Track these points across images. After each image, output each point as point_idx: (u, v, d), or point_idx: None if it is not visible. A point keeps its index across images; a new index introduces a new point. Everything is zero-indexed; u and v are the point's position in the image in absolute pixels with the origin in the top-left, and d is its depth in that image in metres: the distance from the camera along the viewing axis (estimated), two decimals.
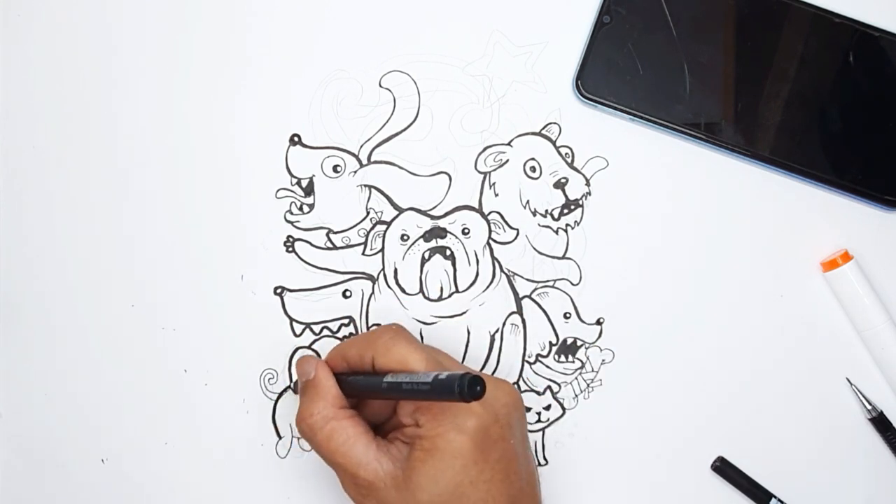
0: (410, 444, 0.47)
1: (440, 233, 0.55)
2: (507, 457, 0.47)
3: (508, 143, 0.55)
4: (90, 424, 0.55)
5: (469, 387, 0.41)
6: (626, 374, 0.55)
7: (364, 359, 0.48)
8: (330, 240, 0.55)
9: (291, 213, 0.55)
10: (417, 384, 0.44)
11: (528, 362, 0.55)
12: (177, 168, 0.55)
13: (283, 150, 0.55)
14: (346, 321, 0.55)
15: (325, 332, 0.55)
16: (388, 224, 0.55)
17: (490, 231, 0.55)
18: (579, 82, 0.54)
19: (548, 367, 0.55)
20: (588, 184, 0.55)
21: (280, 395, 0.55)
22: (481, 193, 0.55)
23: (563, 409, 0.55)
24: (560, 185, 0.55)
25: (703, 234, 0.55)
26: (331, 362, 0.50)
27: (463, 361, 0.55)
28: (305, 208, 0.55)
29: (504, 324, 0.55)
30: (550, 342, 0.55)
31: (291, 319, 0.55)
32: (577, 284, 0.55)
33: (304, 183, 0.55)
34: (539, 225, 0.55)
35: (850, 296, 0.54)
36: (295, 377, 0.54)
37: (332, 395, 0.49)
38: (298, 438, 0.55)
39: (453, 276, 0.55)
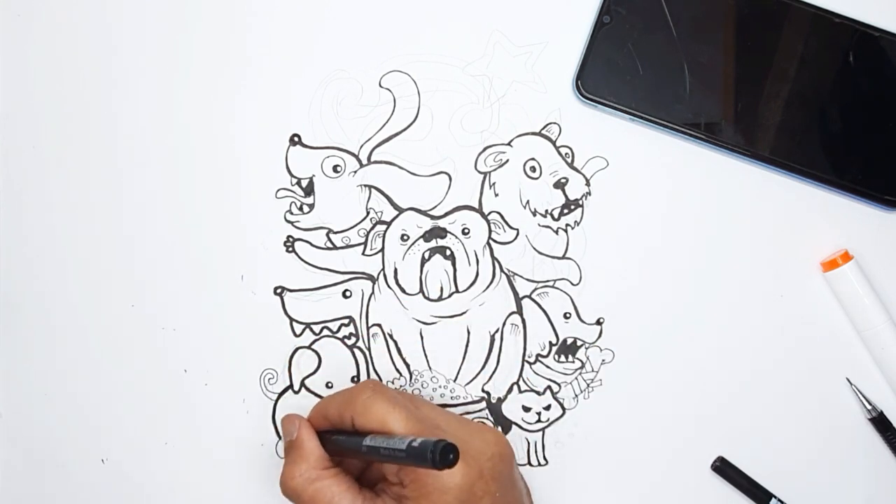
0: (396, 503, 0.47)
1: (440, 233, 0.55)
2: None
3: (508, 143, 0.55)
4: (90, 424, 0.55)
5: (441, 455, 0.41)
6: (626, 374, 0.55)
7: (343, 417, 0.48)
8: (330, 240, 0.55)
9: (291, 213, 0.55)
10: (393, 451, 0.44)
11: (528, 362, 0.55)
12: (177, 168, 0.55)
13: (283, 150, 0.55)
14: (346, 321, 0.55)
15: (325, 332, 0.55)
16: (388, 224, 0.55)
17: (490, 231, 0.55)
18: (579, 82, 0.54)
19: (548, 367, 0.55)
20: (588, 184, 0.55)
21: (280, 395, 0.55)
22: (481, 193, 0.55)
23: (563, 409, 0.55)
24: (560, 185, 0.55)
25: (703, 234, 0.55)
26: (312, 420, 0.50)
27: (463, 362, 0.55)
28: (305, 208, 0.55)
29: (504, 324, 0.55)
30: (550, 342, 0.55)
31: (291, 319, 0.55)
32: (577, 284, 0.55)
33: (304, 183, 0.55)
34: (539, 225, 0.55)
35: (850, 296, 0.54)
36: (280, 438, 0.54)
37: (314, 456, 0.49)
38: None
39: (453, 276, 0.55)
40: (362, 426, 0.47)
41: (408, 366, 0.55)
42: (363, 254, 0.55)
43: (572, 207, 0.55)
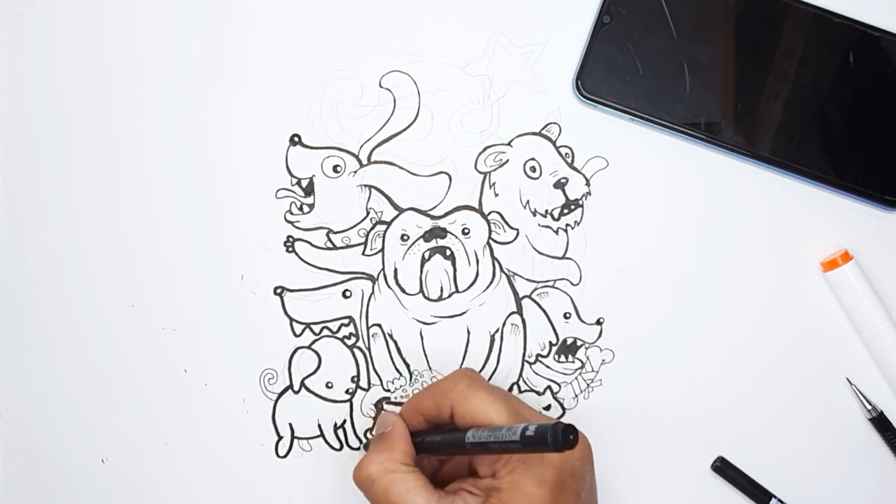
0: (484, 495, 0.46)
1: (440, 233, 0.55)
2: None
3: (508, 143, 0.55)
4: (90, 424, 0.55)
5: (563, 436, 0.40)
6: (626, 374, 0.55)
7: (441, 410, 0.48)
8: (330, 240, 0.55)
9: (291, 213, 0.55)
10: (506, 442, 0.43)
11: (528, 362, 0.55)
12: (177, 168, 0.55)
13: (283, 150, 0.55)
14: (346, 321, 0.55)
15: (325, 332, 0.55)
16: (388, 224, 0.55)
17: (490, 231, 0.55)
18: (579, 82, 0.54)
19: (548, 367, 0.55)
20: (588, 184, 0.55)
21: (280, 395, 0.55)
22: (481, 193, 0.55)
23: (563, 409, 0.55)
24: (560, 185, 0.55)
25: (703, 234, 0.55)
26: (405, 417, 0.50)
27: (463, 362, 0.55)
28: (305, 208, 0.55)
29: (504, 324, 0.55)
30: (550, 342, 0.55)
31: (291, 319, 0.55)
32: (577, 284, 0.55)
33: (304, 183, 0.55)
34: (539, 225, 0.55)
35: (850, 296, 0.54)
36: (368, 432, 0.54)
37: (400, 450, 0.48)
38: (298, 439, 0.55)
39: (453, 276, 0.55)
40: (462, 415, 0.47)
41: (408, 366, 0.55)
42: (363, 254, 0.55)
43: (572, 207, 0.55)
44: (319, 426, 0.55)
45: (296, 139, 0.55)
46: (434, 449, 0.48)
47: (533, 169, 0.55)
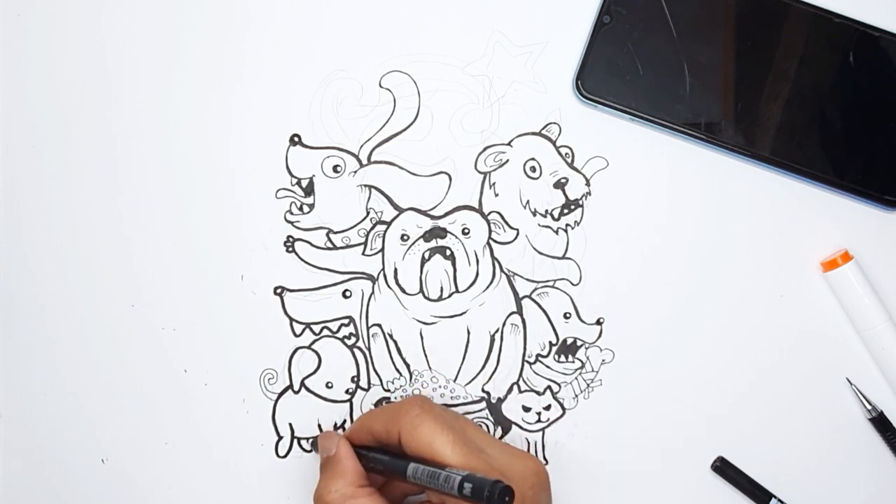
0: None
1: (440, 233, 0.55)
2: None
3: (508, 143, 0.55)
4: (90, 424, 0.55)
5: (499, 498, 0.41)
6: (626, 374, 0.55)
7: (391, 434, 0.48)
8: (330, 240, 0.55)
9: (291, 213, 0.55)
10: (443, 486, 0.43)
11: (528, 362, 0.55)
12: (177, 168, 0.55)
13: (283, 150, 0.55)
14: (346, 321, 0.55)
15: (325, 332, 0.55)
16: (388, 224, 0.55)
17: (490, 231, 0.55)
18: (579, 82, 0.54)
19: (548, 367, 0.55)
20: (588, 184, 0.55)
21: (280, 395, 0.55)
22: (481, 193, 0.55)
23: (563, 409, 0.55)
24: (560, 185, 0.55)
25: (702, 234, 0.55)
26: (355, 434, 0.50)
27: (463, 362, 0.55)
28: (305, 208, 0.55)
29: (504, 324, 0.55)
30: (550, 342, 0.55)
31: (291, 319, 0.55)
32: (577, 284, 0.55)
33: (304, 183, 0.55)
34: (539, 225, 0.55)
35: (850, 296, 0.54)
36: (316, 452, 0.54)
37: (351, 472, 0.48)
38: (299, 439, 0.55)
39: (453, 276, 0.55)
40: (408, 444, 0.47)
41: (408, 366, 0.55)
42: (363, 254, 0.55)
43: (572, 207, 0.55)
44: (319, 426, 0.55)
45: (296, 139, 0.55)
46: (378, 471, 0.49)
47: (533, 169, 0.55)
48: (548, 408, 0.55)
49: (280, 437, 0.55)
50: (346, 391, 0.55)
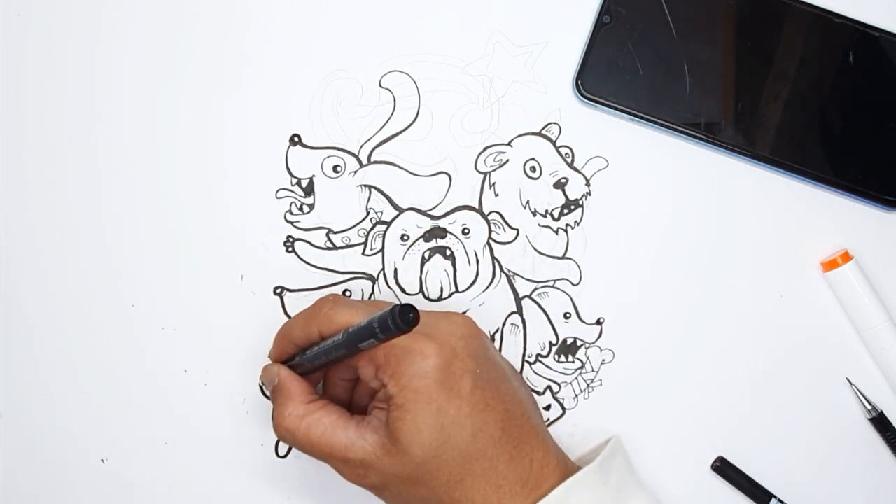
0: (386, 408, 0.47)
1: (440, 233, 0.55)
2: (480, 385, 0.46)
3: (508, 143, 0.55)
4: (90, 424, 0.55)
5: (401, 316, 0.40)
6: (626, 374, 0.55)
7: (310, 333, 0.48)
8: (330, 240, 0.55)
9: (291, 213, 0.55)
10: (357, 335, 0.43)
11: (528, 362, 0.55)
12: (177, 168, 0.55)
13: (283, 150, 0.55)
14: None
15: None
16: (388, 224, 0.55)
17: (490, 231, 0.55)
18: (579, 82, 0.54)
19: (548, 367, 0.55)
20: (588, 184, 0.55)
21: None
22: (481, 193, 0.55)
23: (563, 409, 0.55)
24: (560, 185, 0.55)
25: (702, 234, 0.55)
26: (277, 345, 0.50)
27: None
28: (305, 208, 0.55)
29: (504, 324, 0.55)
30: (550, 342, 0.55)
31: None
32: (577, 284, 0.55)
33: (304, 183, 0.55)
34: (539, 225, 0.55)
35: (850, 296, 0.54)
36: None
37: (297, 391, 0.48)
38: None
39: (453, 276, 0.55)
40: (330, 335, 0.47)
41: None
42: (363, 254, 0.55)
43: (572, 207, 0.55)
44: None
45: (296, 139, 0.55)
46: (309, 367, 0.49)
47: (533, 169, 0.55)
48: (548, 408, 0.55)
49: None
50: None
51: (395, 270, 0.55)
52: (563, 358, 0.55)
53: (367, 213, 0.55)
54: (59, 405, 0.55)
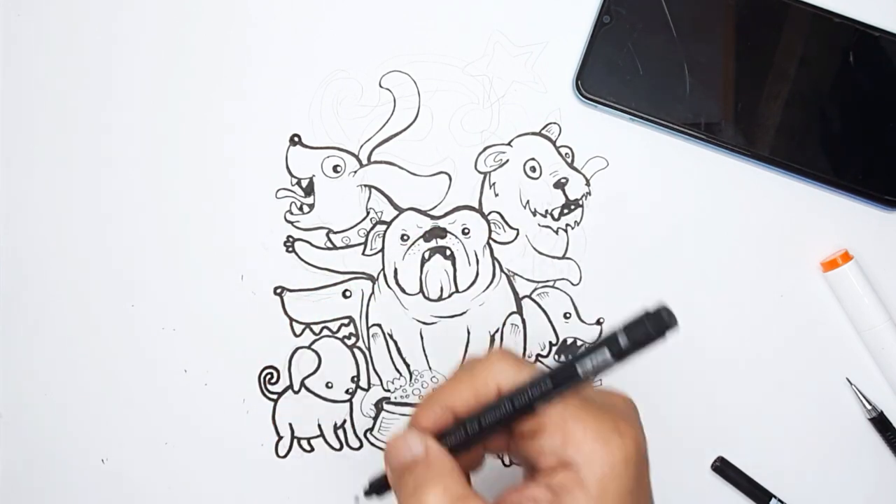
0: (551, 494, 0.38)
1: (440, 233, 0.55)
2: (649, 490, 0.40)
3: (508, 143, 0.55)
4: (90, 424, 0.55)
5: (667, 315, 0.31)
6: (627, 374, 0.55)
7: (481, 397, 0.39)
8: (330, 240, 0.55)
9: (291, 213, 0.55)
10: (557, 368, 0.34)
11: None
12: (177, 168, 0.55)
13: (283, 150, 0.55)
14: (346, 321, 0.55)
15: (325, 332, 0.55)
16: (388, 224, 0.55)
17: (490, 231, 0.55)
18: (579, 82, 0.54)
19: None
20: (588, 184, 0.55)
21: (280, 395, 0.55)
22: (481, 193, 0.55)
23: None
24: (560, 185, 0.55)
25: (702, 234, 0.55)
26: (434, 423, 0.40)
27: (463, 362, 0.55)
28: (305, 208, 0.55)
29: (504, 324, 0.55)
30: (550, 342, 0.55)
31: (291, 319, 0.55)
32: (577, 284, 0.55)
33: (304, 183, 0.55)
34: (539, 225, 0.55)
35: (850, 296, 0.54)
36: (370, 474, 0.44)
37: (450, 471, 0.38)
38: (299, 439, 0.54)
39: (453, 276, 0.55)
40: (487, 400, 0.39)
41: (408, 366, 0.55)
42: (363, 254, 0.55)
43: (572, 207, 0.55)
44: (319, 426, 0.55)
45: (296, 139, 0.55)
46: (455, 442, 0.40)
47: (533, 169, 0.55)
48: None
49: (280, 437, 0.55)
50: (346, 391, 0.55)
51: (395, 270, 0.55)
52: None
53: (367, 213, 0.55)
54: (59, 405, 0.55)
